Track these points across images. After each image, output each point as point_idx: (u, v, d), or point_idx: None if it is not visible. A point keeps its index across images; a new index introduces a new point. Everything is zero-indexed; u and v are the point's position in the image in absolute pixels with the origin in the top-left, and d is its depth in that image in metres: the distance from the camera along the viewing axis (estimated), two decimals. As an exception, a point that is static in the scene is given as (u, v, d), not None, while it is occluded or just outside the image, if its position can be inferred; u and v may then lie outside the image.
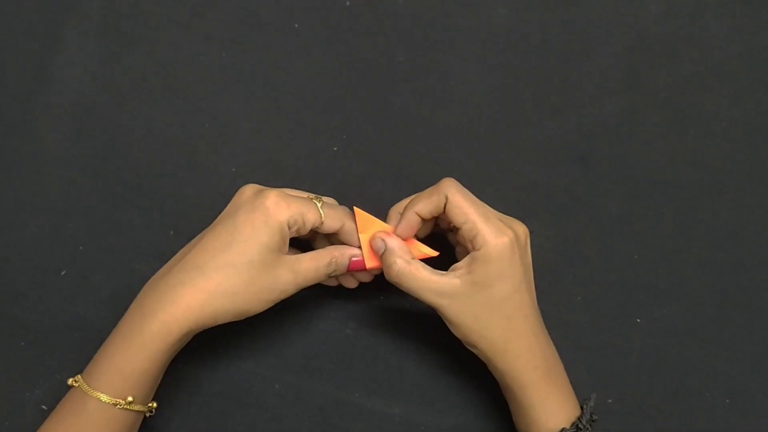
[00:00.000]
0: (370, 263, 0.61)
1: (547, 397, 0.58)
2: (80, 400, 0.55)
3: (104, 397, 0.55)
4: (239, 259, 0.56)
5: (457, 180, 0.68)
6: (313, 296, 0.65)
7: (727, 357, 0.66)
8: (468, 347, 0.60)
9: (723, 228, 0.68)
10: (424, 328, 0.66)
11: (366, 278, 0.63)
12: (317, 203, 0.60)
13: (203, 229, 0.66)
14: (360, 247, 0.61)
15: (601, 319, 0.67)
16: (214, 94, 0.69)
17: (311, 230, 0.60)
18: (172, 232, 0.67)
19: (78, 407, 0.55)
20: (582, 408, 0.59)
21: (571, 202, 0.69)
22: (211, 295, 0.56)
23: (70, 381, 0.56)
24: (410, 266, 0.58)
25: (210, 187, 0.68)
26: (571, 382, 0.62)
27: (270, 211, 0.57)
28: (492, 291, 0.57)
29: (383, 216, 0.62)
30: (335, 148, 0.69)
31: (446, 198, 0.58)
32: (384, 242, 0.60)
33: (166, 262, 0.66)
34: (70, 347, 0.64)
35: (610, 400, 0.65)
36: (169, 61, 0.70)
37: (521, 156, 0.69)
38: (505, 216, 0.60)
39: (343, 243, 0.61)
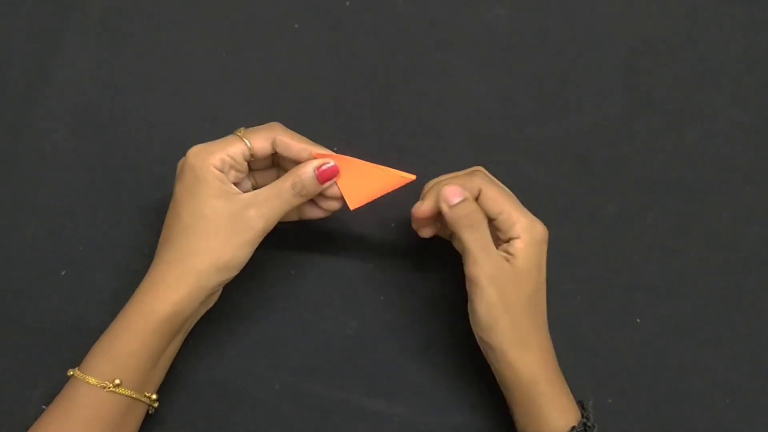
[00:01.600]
0: (355, 203, 0.60)
1: (557, 395, 0.58)
2: (74, 386, 0.56)
3: (92, 380, 0.55)
4: (191, 220, 0.56)
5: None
6: (314, 296, 0.65)
7: (727, 357, 0.66)
8: (485, 334, 0.58)
9: (723, 228, 0.68)
10: (424, 328, 0.66)
11: (336, 205, 0.61)
12: (238, 134, 0.59)
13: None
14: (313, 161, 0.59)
15: (601, 319, 0.67)
16: (214, 94, 0.69)
17: (252, 162, 0.59)
18: (172, 232, 0.67)
19: (70, 393, 0.56)
20: (583, 407, 0.59)
21: (571, 202, 0.69)
22: (181, 263, 0.56)
23: (69, 372, 0.57)
24: (486, 224, 0.58)
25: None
26: (571, 382, 0.62)
27: (194, 165, 0.57)
28: (529, 281, 0.58)
29: (386, 209, 0.62)
30: (335, 148, 0.69)
31: (480, 190, 0.59)
32: (464, 193, 0.58)
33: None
34: (70, 347, 0.64)
35: (610, 400, 0.65)
36: (169, 61, 0.70)
37: (521, 156, 0.69)
38: (530, 215, 0.60)
39: (289, 160, 0.60)
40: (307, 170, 0.58)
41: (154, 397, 0.58)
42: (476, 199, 0.59)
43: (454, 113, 0.70)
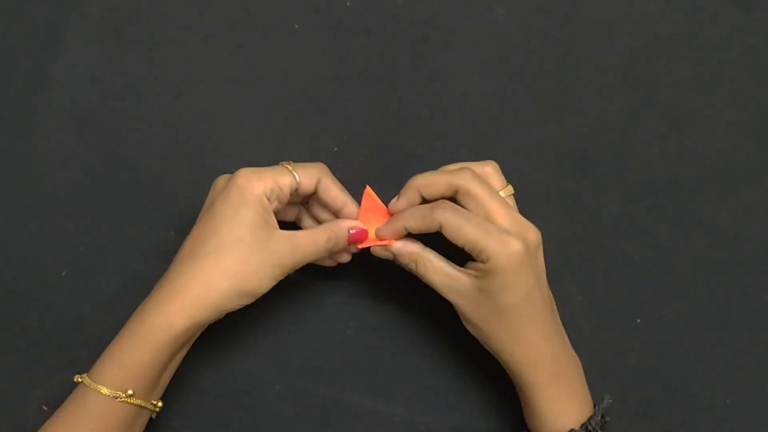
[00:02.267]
0: (374, 239, 0.61)
1: (556, 399, 0.58)
2: (82, 393, 0.56)
3: (104, 390, 0.55)
4: (228, 240, 0.56)
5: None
6: (314, 296, 0.65)
7: (727, 357, 0.66)
8: (482, 344, 0.60)
9: (723, 228, 0.68)
10: (424, 328, 0.66)
11: (355, 249, 0.62)
12: (288, 166, 0.60)
13: (203, 229, 0.66)
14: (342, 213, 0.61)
15: (601, 319, 0.67)
16: (214, 94, 0.69)
17: (292, 195, 0.60)
18: (172, 232, 0.67)
19: (80, 400, 0.56)
20: (595, 408, 0.59)
21: (571, 202, 0.69)
22: (208, 280, 0.56)
23: (76, 378, 0.56)
24: (431, 255, 0.59)
25: (210, 187, 0.68)
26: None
27: (243, 188, 0.57)
28: (498, 300, 0.57)
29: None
30: (335, 148, 0.69)
31: (440, 224, 0.57)
32: (398, 239, 0.60)
33: (166, 262, 0.66)
34: (70, 347, 0.64)
35: (610, 400, 0.65)
36: (169, 61, 0.70)
37: (521, 156, 0.69)
38: (518, 218, 0.58)
39: (323, 201, 0.61)
40: (344, 229, 0.60)
41: (160, 404, 0.58)
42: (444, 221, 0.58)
43: (454, 113, 0.70)
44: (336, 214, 0.62)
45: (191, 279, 0.56)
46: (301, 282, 0.66)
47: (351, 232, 0.61)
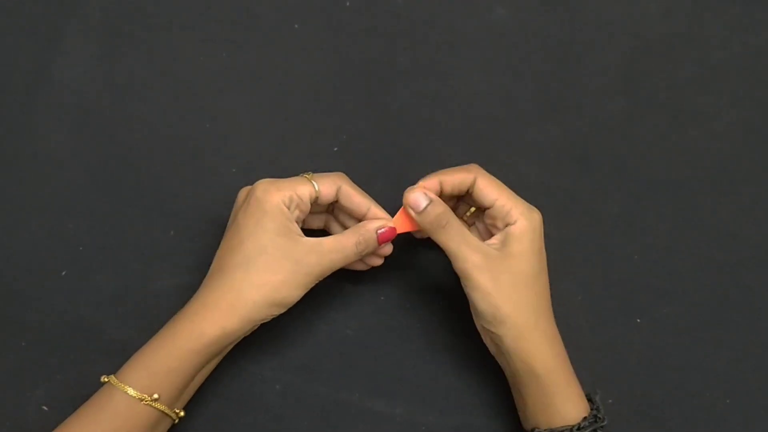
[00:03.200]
0: (403, 227, 0.61)
1: (568, 385, 0.59)
2: (108, 393, 0.56)
3: (131, 391, 0.55)
4: (253, 252, 0.57)
5: (458, 180, 0.68)
6: (314, 297, 0.65)
7: (727, 357, 0.66)
8: (492, 327, 0.58)
9: (723, 228, 0.68)
10: (424, 328, 0.66)
11: (388, 250, 0.63)
12: (307, 176, 0.60)
13: (203, 229, 0.66)
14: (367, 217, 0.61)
15: (601, 319, 0.67)
16: (214, 94, 0.69)
17: (314, 204, 0.60)
18: (172, 232, 0.67)
19: (105, 400, 0.56)
20: (591, 400, 0.60)
21: (571, 202, 0.69)
22: (237, 292, 0.57)
23: (102, 378, 0.57)
24: (456, 220, 0.59)
25: (210, 187, 0.68)
26: (572, 382, 0.62)
27: (262, 199, 0.58)
28: (526, 265, 0.58)
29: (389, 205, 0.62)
30: (335, 148, 0.69)
31: (475, 178, 0.60)
32: (428, 196, 0.59)
33: (166, 262, 0.66)
34: (70, 347, 0.64)
35: (610, 401, 0.65)
36: (169, 61, 0.70)
37: (521, 156, 0.69)
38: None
39: (346, 208, 0.61)
40: (371, 230, 0.60)
41: (181, 413, 0.58)
42: (468, 191, 0.60)
43: (454, 113, 0.70)
44: (361, 221, 0.61)
45: (221, 292, 0.57)
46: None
47: (380, 232, 0.60)
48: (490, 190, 0.59)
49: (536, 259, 0.59)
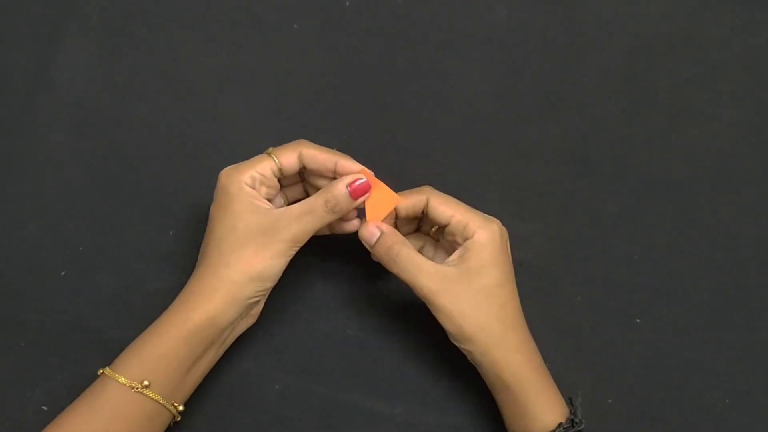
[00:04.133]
0: (373, 218, 0.61)
1: (541, 392, 0.58)
2: (101, 383, 0.57)
3: (122, 379, 0.56)
4: (224, 233, 0.58)
5: (458, 180, 0.68)
6: (314, 296, 0.65)
7: (727, 357, 0.66)
8: (461, 344, 0.59)
9: (723, 228, 0.68)
10: (424, 328, 0.66)
11: (361, 204, 0.62)
12: (267, 152, 0.60)
13: (203, 229, 0.66)
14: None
15: (601, 319, 0.67)
16: (214, 94, 0.69)
17: (283, 178, 0.61)
18: (172, 232, 0.67)
19: (98, 390, 0.57)
20: (571, 404, 0.59)
21: (571, 202, 0.69)
22: (214, 274, 0.58)
23: (100, 371, 0.57)
24: (411, 251, 0.59)
25: (210, 187, 0.67)
26: (571, 382, 0.62)
27: (226, 185, 0.59)
28: (486, 277, 0.58)
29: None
30: (335, 148, 0.69)
31: (427, 199, 0.60)
32: (380, 228, 0.60)
33: (166, 262, 0.66)
34: (70, 347, 0.64)
35: (610, 401, 0.65)
36: (169, 61, 0.70)
37: (521, 156, 0.69)
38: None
39: (315, 170, 0.61)
40: (340, 187, 0.59)
41: (180, 408, 0.58)
42: (423, 212, 0.61)
43: (454, 113, 0.70)
44: (334, 177, 0.61)
45: (201, 278, 0.58)
46: (301, 282, 0.66)
47: (354, 186, 0.59)
48: (444, 209, 0.60)
49: (497, 269, 0.58)
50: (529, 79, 0.70)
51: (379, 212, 0.61)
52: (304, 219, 0.58)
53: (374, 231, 0.60)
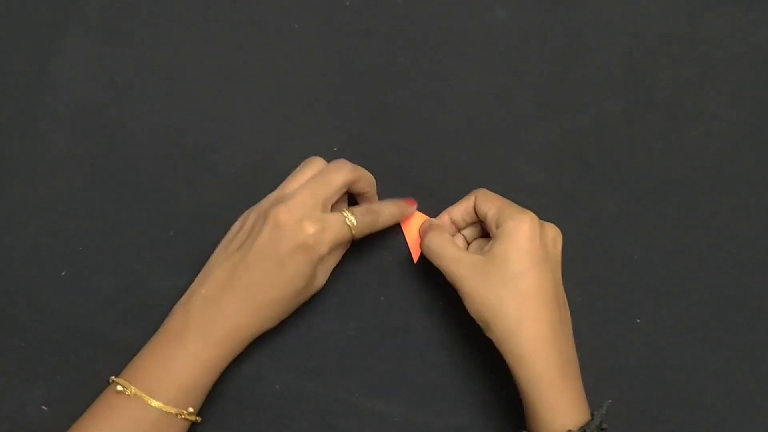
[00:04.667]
0: (416, 256, 0.66)
1: (559, 395, 0.56)
2: (140, 408, 0.57)
3: (171, 409, 0.57)
4: (289, 292, 0.60)
5: (457, 180, 0.68)
6: (314, 297, 0.65)
7: (727, 357, 0.66)
8: (484, 331, 0.59)
9: (723, 228, 0.68)
10: (424, 328, 0.66)
11: None
12: (347, 219, 0.61)
13: (203, 229, 0.66)
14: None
15: (601, 319, 0.67)
16: (214, 94, 0.69)
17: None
18: (172, 232, 0.67)
19: (140, 416, 0.57)
20: (592, 415, 0.57)
21: (571, 202, 0.69)
22: (265, 320, 0.60)
23: (119, 387, 0.57)
24: (441, 238, 0.62)
25: (210, 187, 0.68)
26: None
27: (311, 248, 0.59)
28: (508, 264, 0.58)
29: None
30: (335, 149, 0.69)
31: (475, 197, 0.63)
32: (430, 222, 0.65)
33: (165, 262, 0.66)
34: (70, 347, 0.64)
35: (610, 401, 0.65)
36: (169, 61, 0.70)
37: (521, 156, 0.69)
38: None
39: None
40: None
41: (199, 419, 0.60)
42: (474, 208, 0.63)
43: (454, 113, 0.70)
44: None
45: (251, 321, 0.60)
46: (301, 282, 0.66)
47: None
48: (484, 203, 0.62)
49: (522, 257, 0.58)
50: (529, 79, 0.70)
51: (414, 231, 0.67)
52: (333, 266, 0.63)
53: (425, 225, 0.65)
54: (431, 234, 0.63)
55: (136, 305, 0.65)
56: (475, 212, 0.63)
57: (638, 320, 0.67)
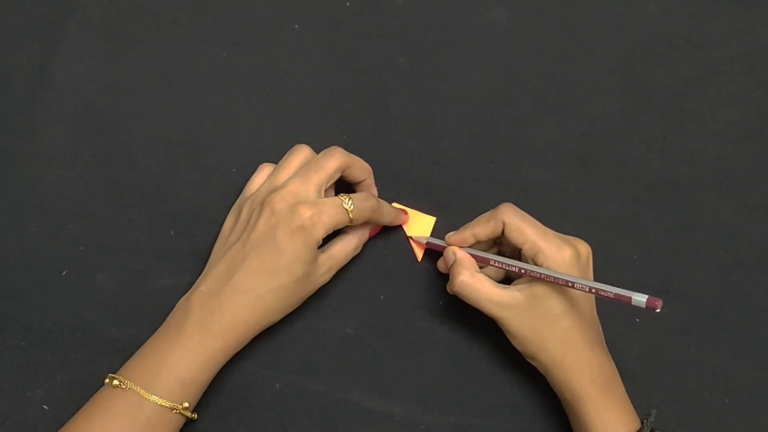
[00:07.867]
0: (420, 255, 0.67)
1: (604, 411, 0.58)
2: (135, 402, 0.56)
3: (165, 403, 0.56)
4: (288, 280, 0.59)
5: (458, 180, 0.68)
6: (314, 296, 0.65)
7: (727, 357, 0.66)
8: (528, 359, 0.61)
9: (723, 228, 0.68)
10: (424, 328, 0.66)
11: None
12: (343, 203, 0.61)
13: (203, 229, 0.66)
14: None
15: (601, 319, 0.67)
16: (214, 94, 0.69)
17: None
18: (172, 232, 0.67)
19: (135, 409, 0.56)
20: (642, 422, 0.59)
21: (571, 202, 0.69)
22: (266, 313, 0.60)
23: (115, 382, 0.57)
24: (474, 279, 0.60)
25: (210, 187, 0.68)
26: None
27: (307, 230, 0.59)
28: (550, 304, 0.58)
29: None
30: (335, 148, 0.69)
31: (503, 223, 0.60)
32: (455, 254, 0.62)
33: (166, 262, 0.66)
34: (70, 347, 0.64)
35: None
36: (169, 61, 0.70)
37: (521, 156, 0.69)
38: (565, 236, 0.61)
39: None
40: (366, 235, 0.66)
41: (195, 416, 0.60)
42: (503, 232, 0.61)
43: (454, 113, 0.70)
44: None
45: (252, 312, 0.59)
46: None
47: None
48: (516, 234, 0.60)
49: (564, 296, 0.59)
50: (529, 79, 0.70)
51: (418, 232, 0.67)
52: (339, 262, 0.63)
53: (450, 257, 0.62)
54: (462, 277, 0.60)
55: (136, 305, 0.65)
56: (503, 233, 0.61)
57: (638, 320, 0.67)
